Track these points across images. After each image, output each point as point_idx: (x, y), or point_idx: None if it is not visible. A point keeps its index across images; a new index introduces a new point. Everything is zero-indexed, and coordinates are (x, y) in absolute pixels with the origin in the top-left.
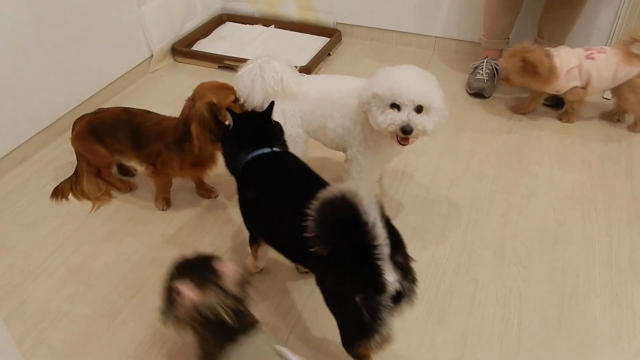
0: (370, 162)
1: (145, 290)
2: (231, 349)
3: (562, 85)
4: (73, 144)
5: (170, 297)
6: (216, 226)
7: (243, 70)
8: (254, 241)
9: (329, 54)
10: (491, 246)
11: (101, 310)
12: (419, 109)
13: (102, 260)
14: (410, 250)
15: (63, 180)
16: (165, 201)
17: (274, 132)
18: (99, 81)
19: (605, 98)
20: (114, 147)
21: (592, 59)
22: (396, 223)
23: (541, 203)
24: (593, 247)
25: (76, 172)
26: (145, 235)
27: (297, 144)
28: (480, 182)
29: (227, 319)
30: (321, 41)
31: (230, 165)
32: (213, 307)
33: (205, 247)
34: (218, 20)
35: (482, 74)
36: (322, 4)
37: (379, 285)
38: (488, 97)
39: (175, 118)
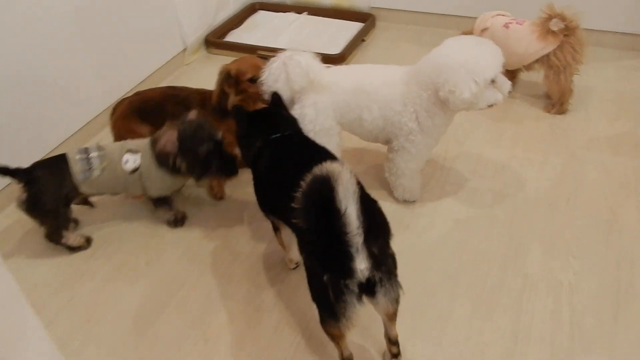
0: (423, 148)
1: (187, 286)
2: None
3: None
4: (115, 126)
5: None
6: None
7: (268, 71)
8: (272, 225)
9: (363, 40)
10: (539, 237)
11: (147, 306)
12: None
13: (143, 258)
14: (453, 242)
15: None
16: (218, 189)
17: (282, 120)
18: (135, 76)
19: None
20: (161, 123)
21: (507, 28)
22: (438, 214)
23: (592, 191)
24: None
25: None
26: (185, 231)
27: (331, 136)
28: (525, 169)
29: None
30: (355, 27)
31: (246, 155)
32: None
33: (244, 244)
34: (250, 9)
35: None
36: None
37: (347, 269)
38: None
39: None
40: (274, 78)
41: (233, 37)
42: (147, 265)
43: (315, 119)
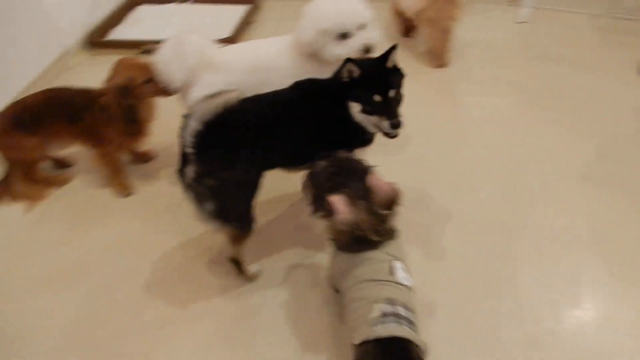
0: None
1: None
2: (363, 254)
3: None
4: None
5: (322, 204)
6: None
7: (159, 53)
8: None
9: (250, 22)
10: (439, 176)
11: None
12: (362, 27)
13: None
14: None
15: None
16: (122, 186)
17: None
18: (11, 86)
19: None
20: (48, 130)
21: None
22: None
23: (478, 128)
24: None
25: (4, 175)
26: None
27: None
28: (419, 120)
29: (370, 236)
30: (241, 10)
31: None
32: (360, 226)
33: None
34: (130, 4)
35: None
36: None
37: (181, 171)
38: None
39: (101, 89)
40: (167, 60)
41: (116, 34)
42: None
43: None
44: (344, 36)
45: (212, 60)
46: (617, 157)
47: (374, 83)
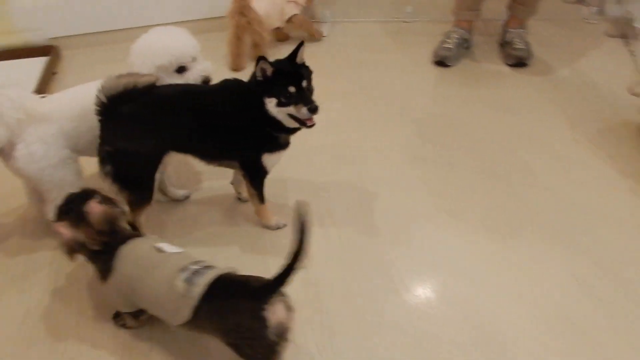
0: None
1: None
2: (117, 254)
3: None
4: None
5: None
6: None
7: None
8: None
9: (54, 73)
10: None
11: None
12: (195, 59)
13: None
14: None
15: None
16: None
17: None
18: None
19: None
20: None
21: None
22: None
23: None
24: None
25: None
26: None
27: (69, 165)
28: None
29: (95, 247)
30: (39, 62)
31: None
32: (83, 240)
33: None
34: None
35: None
36: (25, 22)
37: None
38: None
39: None
40: None
41: None
42: None
43: (47, 154)
44: (181, 70)
45: (35, 112)
46: (432, 137)
47: (287, 76)
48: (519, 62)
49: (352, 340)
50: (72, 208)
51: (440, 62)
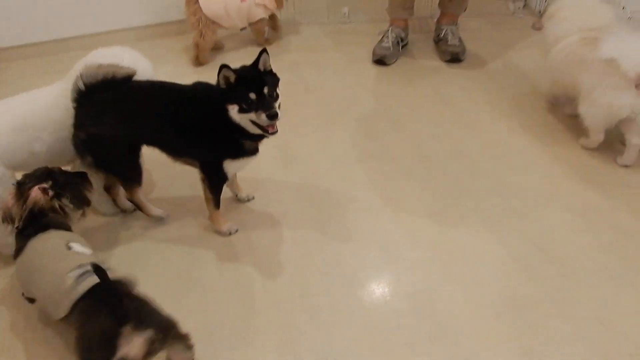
0: None
1: None
2: (31, 240)
3: None
4: None
5: None
6: None
7: None
8: None
9: None
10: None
11: None
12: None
13: None
14: None
15: None
16: None
17: None
18: None
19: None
20: None
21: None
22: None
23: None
24: None
25: None
26: None
27: (5, 183)
28: None
29: (16, 224)
30: None
31: None
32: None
33: None
34: None
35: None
36: None
37: None
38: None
39: None
40: None
41: None
42: None
43: None
44: None
45: None
46: (376, 133)
47: (248, 83)
48: (454, 58)
49: (310, 339)
50: (27, 183)
51: (380, 61)
